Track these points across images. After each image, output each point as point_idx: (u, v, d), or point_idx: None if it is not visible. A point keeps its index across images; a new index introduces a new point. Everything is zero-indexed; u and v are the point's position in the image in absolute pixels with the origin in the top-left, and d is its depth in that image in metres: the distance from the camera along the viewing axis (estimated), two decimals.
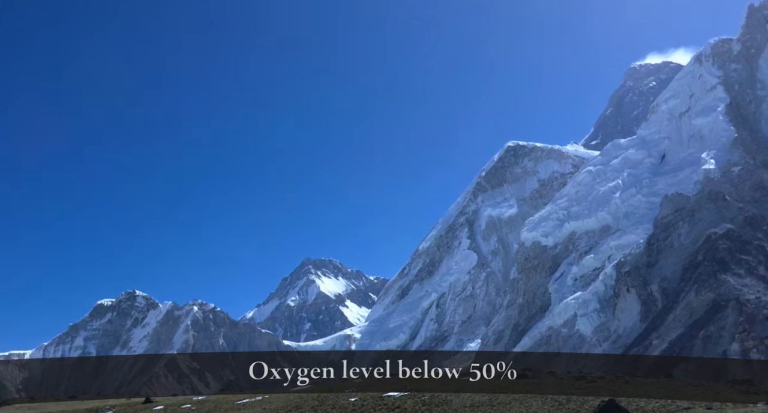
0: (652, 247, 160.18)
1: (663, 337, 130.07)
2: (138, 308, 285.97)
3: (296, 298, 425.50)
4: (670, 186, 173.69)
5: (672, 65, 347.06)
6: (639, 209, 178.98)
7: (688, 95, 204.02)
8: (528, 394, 26.76)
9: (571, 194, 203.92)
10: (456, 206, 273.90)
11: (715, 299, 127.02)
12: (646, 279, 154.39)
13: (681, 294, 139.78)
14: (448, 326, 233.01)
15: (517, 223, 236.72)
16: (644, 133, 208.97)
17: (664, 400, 23.84)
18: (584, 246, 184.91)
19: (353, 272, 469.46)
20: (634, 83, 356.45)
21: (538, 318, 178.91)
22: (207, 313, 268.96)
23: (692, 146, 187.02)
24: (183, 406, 38.25)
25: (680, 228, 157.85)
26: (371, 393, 32.49)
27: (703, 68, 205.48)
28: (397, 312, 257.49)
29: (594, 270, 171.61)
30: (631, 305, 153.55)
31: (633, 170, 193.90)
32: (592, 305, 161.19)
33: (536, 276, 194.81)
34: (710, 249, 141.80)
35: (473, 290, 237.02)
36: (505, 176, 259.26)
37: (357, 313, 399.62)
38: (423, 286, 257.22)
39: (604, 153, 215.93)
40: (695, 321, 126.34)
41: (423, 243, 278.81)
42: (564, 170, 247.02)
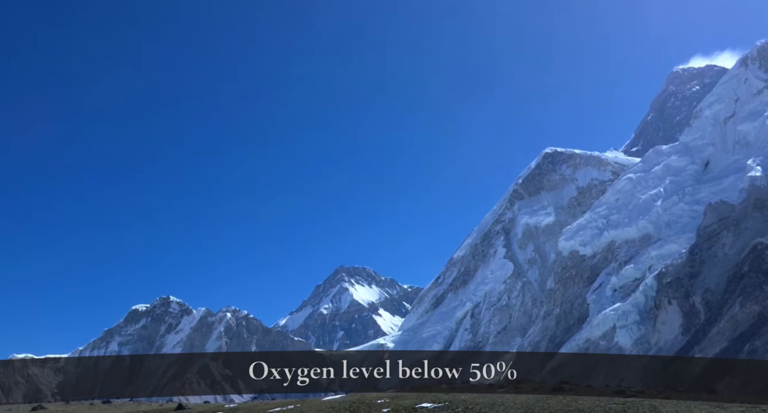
0: (695, 257, 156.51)
1: (706, 351, 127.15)
2: (172, 314, 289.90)
3: (329, 306, 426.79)
4: (714, 194, 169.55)
5: (716, 69, 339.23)
6: (681, 218, 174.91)
7: (733, 100, 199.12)
8: (566, 409, 25.54)
9: (611, 202, 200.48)
10: (492, 214, 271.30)
11: (761, 312, 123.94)
12: (688, 291, 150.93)
13: (725, 307, 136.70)
14: (482, 336, 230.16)
15: (555, 232, 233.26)
16: (687, 139, 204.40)
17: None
18: (624, 256, 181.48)
19: (387, 280, 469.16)
20: (676, 88, 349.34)
21: (576, 330, 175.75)
22: (240, 320, 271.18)
23: (737, 153, 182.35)
24: None
25: (724, 238, 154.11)
26: (404, 403, 32.15)
27: (749, 72, 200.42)
28: (431, 321, 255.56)
29: (634, 281, 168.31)
30: (672, 318, 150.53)
31: (675, 177, 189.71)
32: (632, 317, 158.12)
33: (574, 286, 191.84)
34: (756, 260, 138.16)
35: (509, 300, 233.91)
36: (543, 183, 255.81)
37: (390, 322, 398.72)
38: (457, 295, 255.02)
39: (645, 160, 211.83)
40: (740, 334, 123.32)
41: (458, 252, 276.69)
42: (603, 178, 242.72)
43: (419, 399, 31.89)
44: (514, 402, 27.82)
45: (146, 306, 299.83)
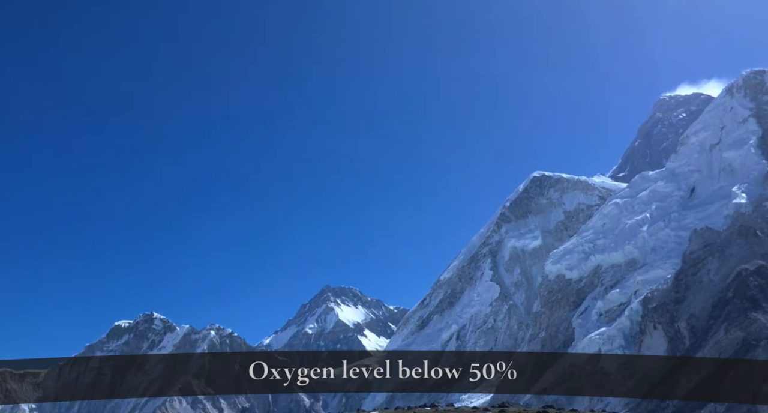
0: (680, 283, 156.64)
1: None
2: (155, 331, 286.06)
3: (314, 326, 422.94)
4: (699, 220, 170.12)
5: (702, 97, 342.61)
6: (667, 244, 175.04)
7: (719, 128, 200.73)
8: None
9: (598, 227, 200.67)
10: (479, 236, 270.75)
11: (746, 338, 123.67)
12: (673, 316, 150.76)
13: (710, 332, 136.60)
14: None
15: (542, 255, 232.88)
16: (673, 165, 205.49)
17: None
18: (610, 280, 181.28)
19: (373, 301, 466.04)
20: (663, 115, 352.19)
21: (561, 353, 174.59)
22: (224, 338, 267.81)
23: (723, 180, 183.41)
24: None
25: (710, 264, 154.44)
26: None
27: (734, 100, 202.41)
28: (416, 343, 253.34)
29: (619, 305, 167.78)
30: (657, 343, 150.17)
31: (661, 203, 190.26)
32: (617, 342, 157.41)
33: (560, 310, 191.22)
34: (741, 286, 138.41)
35: (495, 322, 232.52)
36: (530, 206, 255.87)
37: (375, 343, 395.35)
38: (443, 317, 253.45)
39: (632, 185, 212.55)
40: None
41: (444, 273, 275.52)
42: (590, 202, 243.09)
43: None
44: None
45: (129, 322, 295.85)
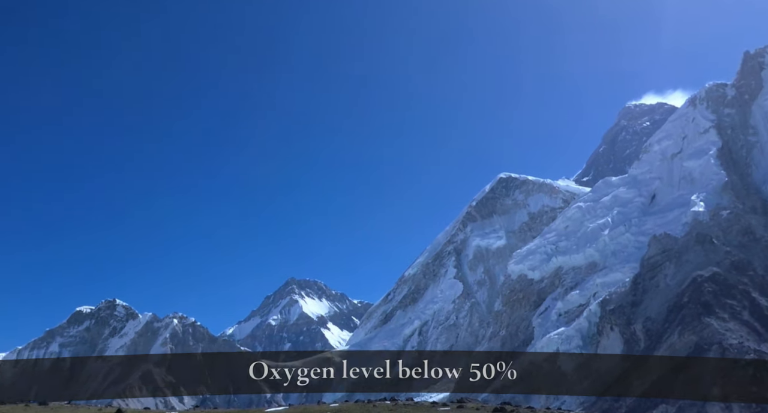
0: (637, 286, 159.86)
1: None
2: (117, 318, 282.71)
3: (278, 317, 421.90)
4: (658, 226, 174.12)
5: (666, 107, 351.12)
6: (627, 248, 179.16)
7: (681, 137, 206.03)
8: None
9: (560, 229, 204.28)
10: (444, 234, 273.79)
11: (698, 342, 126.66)
12: (630, 318, 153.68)
13: (664, 335, 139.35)
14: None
15: (505, 255, 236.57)
16: (636, 172, 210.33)
17: None
18: (570, 282, 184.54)
19: (337, 294, 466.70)
20: (628, 122, 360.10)
21: (520, 351, 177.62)
22: (186, 327, 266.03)
23: (683, 188, 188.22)
24: None
25: (667, 269, 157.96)
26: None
27: (697, 111, 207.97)
28: (379, 337, 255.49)
29: (579, 306, 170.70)
30: (613, 344, 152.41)
31: (623, 208, 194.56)
32: (574, 342, 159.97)
33: (520, 309, 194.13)
34: (695, 292, 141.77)
35: (457, 319, 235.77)
36: (496, 207, 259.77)
37: (338, 336, 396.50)
38: (406, 313, 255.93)
39: (595, 190, 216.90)
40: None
41: (409, 270, 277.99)
42: (554, 205, 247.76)
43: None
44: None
45: (91, 308, 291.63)
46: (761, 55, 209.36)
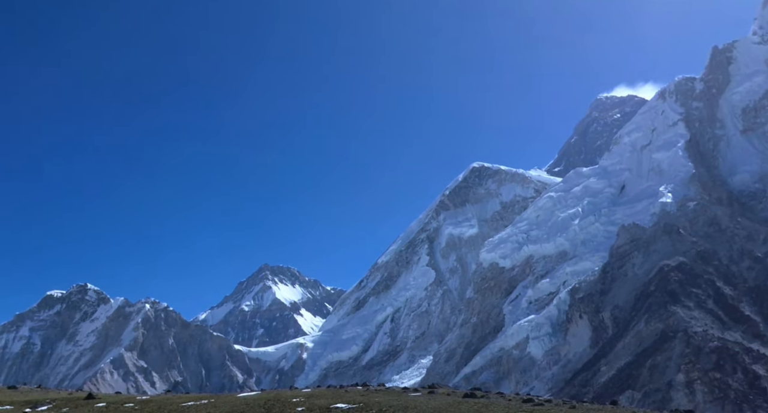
0: (606, 275, 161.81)
1: (611, 364, 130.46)
2: (88, 302, 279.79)
3: (251, 303, 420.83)
4: (627, 217, 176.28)
5: (636, 99, 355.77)
6: (596, 237, 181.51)
7: (650, 129, 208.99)
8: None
9: (532, 218, 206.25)
10: (418, 222, 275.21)
11: (664, 330, 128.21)
12: (598, 306, 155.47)
13: (631, 323, 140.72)
14: (401, 341, 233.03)
15: (477, 243, 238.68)
16: (606, 163, 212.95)
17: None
18: (541, 270, 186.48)
19: (310, 281, 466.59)
20: (599, 114, 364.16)
21: (491, 339, 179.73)
22: (159, 312, 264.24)
23: (651, 179, 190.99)
24: (126, 404, 36.91)
25: (635, 258, 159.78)
26: (319, 402, 31.93)
27: (666, 104, 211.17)
28: (352, 323, 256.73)
29: (549, 295, 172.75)
30: (582, 331, 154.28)
31: (593, 198, 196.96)
32: (544, 329, 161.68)
33: (492, 297, 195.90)
34: (662, 281, 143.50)
35: (429, 306, 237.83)
36: (468, 196, 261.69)
37: (311, 322, 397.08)
38: (379, 299, 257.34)
39: (566, 180, 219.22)
40: (643, 350, 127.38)
41: (382, 257, 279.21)
42: (526, 194, 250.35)
43: (335, 399, 31.34)
44: (426, 405, 27.94)
45: (62, 292, 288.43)
46: (729, 51, 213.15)
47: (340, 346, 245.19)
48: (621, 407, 29.39)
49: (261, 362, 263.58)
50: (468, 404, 28.16)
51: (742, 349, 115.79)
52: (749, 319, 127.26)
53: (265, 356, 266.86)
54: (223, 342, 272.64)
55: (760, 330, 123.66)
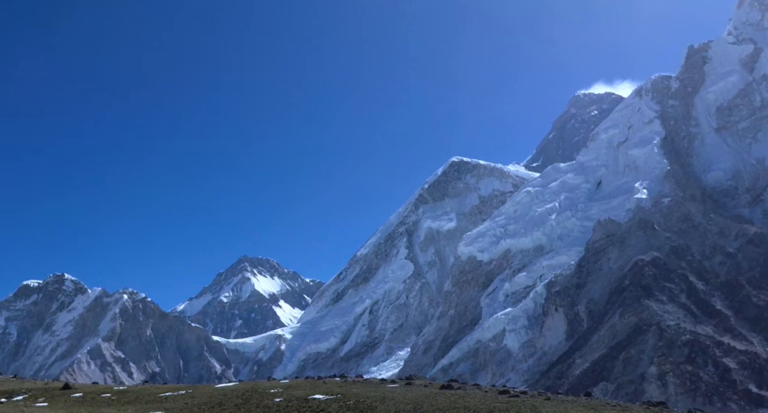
0: (582, 269, 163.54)
1: (586, 357, 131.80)
2: (65, 292, 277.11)
3: (230, 294, 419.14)
4: (603, 212, 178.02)
5: (614, 96, 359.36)
6: (573, 232, 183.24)
7: (626, 126, 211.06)
8: (453, 406, 27.06)
9: (510, 213, 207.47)
10: (397, 215, 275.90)
11: (638, 323, 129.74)
12: (574, 300, 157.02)
13: (606, 316, 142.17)
14: (379, 333, 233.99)
15: (455, 237, 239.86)
16: (583, 159, 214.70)
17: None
18: (518, 264, 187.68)
19: (290, 273, 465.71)
20: (577, 111, 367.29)
21: (468, 331, 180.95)
22: (137, 303, 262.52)
23: (627, 175, 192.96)
24: (103, 395, 36.87)
25: (610, 253, 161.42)
26: (296, 393, 32.25)
27: (642, 102, 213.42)
28: (330, 315, 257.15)
29: (525, 288, 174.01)
30: (558, 324, 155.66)
31: (570, 193, 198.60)
32: (520, 322, 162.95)
33: (469, 290, 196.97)
34: (636, 275, 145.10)
35: (407, 299, 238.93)
36: (447, 190, 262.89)
37: (290, 314, 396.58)
38: (358, 292, 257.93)
39: (544, 175, 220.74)
40: (617, 342, 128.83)
41: (361, 250, 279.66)
42: (504, 189, 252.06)
43: (312, 390, 31.77)
44: (404, 397, 28.41)
45: (38, 282, 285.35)
46: (704, 50, 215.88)
47: (318, 338, 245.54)
48: (595, 399, 29.73)
49: (239, 353, 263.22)
50: (445, 395, 28.55)
51: (714, 343, 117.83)
52: (720, 313, 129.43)
53: (244, 347, 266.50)
54: (201, 333, 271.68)
55: (731, 324, 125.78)
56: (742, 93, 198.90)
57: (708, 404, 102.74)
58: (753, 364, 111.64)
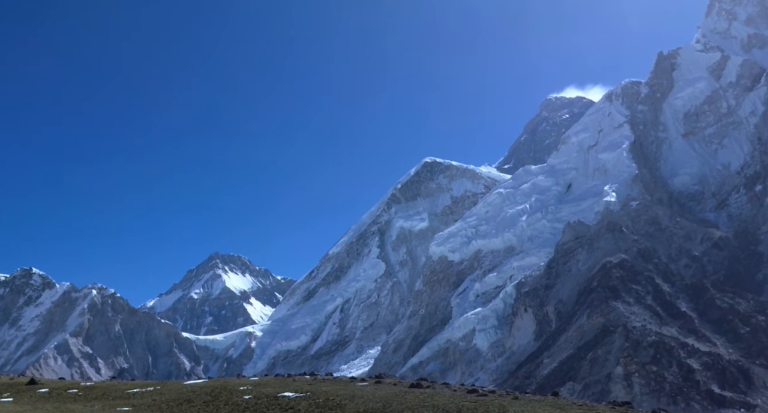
0: (551, 270, 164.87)
1: (554, 357, 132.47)
2: (33, 287, 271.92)
3: (200, 291, 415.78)
4: (573, 214, 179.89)
5: (585, 100, 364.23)
6: (543, 234, 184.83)
7: (597, 130, 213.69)
8: (422, 404, 27.24)
9: (481, 214, 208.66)
10: (369, 214, 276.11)
11: (605, 324, 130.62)
12: (543, 300, 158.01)
13: (574, 317, 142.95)
14: (350, 331, 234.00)
15: (427, 236, 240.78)
16: (554, 162, 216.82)
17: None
18: (488, 264, 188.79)
19: (261, 270, 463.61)
20: (549, 114, 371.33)
21: (438, 330, 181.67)
22: (106, 298, 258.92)
23: (596, 179, 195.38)
24: (69, 390, 36.51)
25: (579, 254, 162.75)
26: (266, 391, 32.26)
27: (612, 107, 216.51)
28: (301, 313, 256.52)
29: (495, 288, 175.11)
30: (527, 324, 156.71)
31: (541, 195, 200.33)
32: (490, 322, 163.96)
33: (440, 290, 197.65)
34: (604, 277, 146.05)
35: (378, 298, 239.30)
36: (420, 190, 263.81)
37: (261, 311, 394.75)
38: (329, 290, 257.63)
39: (515, 177, 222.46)
40: (585, 343, 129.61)
41: (333, 248, 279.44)
42: (476, 190, 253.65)
43: (282, 387, 31.87)
44: (373, 395, 28.62)
45: (5, 276, 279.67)
46: (673, 57, 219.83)
47: (289, 335, 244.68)
48: (562, 398, 30.09)
49: (209, 350, 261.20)
50: (414, 394, 28.82)
51: (678, 344, 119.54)
52: (685, 315, 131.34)
53: (214, 344, 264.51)
54: (170, 329, 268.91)
55: (695, 326, 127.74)
56: (709, 100, 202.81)
57: (672, 404, 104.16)
58: (716, 365, 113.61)
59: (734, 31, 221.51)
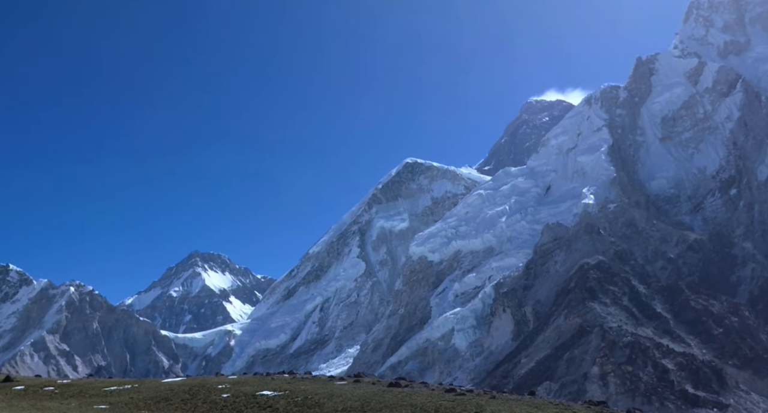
0: (530, 271, 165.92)
1: (531, 356, 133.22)
2: (10, 283, 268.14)
3: (179, 289, 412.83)
4: (552, 216, 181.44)
5: (565, 104, 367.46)
6: (522, 235, 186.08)
7: (576, 133, 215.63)
8: (400, 403, 27.49)
9: (461, 215, 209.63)
10: (350, 214, 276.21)
11: (582, 324, 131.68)
12: (521, 301, 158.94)
13: (551, 318, 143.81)
14: (329, 330, 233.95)
15: (407, 237, 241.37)
16: (534, 164, 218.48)
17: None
18: (468, 265, 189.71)
19: (241, 269, 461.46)
20: (529, 116, 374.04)
21: (417, 330, 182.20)
22: (84, 295, 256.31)
23: (575, 181, 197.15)
24: (45, 388, 36.27)
25: (557, 256, 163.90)
26: (244, 389, 32.34)
27: (591, 110, 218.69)
28: (281, 312, 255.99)
29: (474, 288, 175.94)
30: (505, 324, 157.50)
31: (520, 197, 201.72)
32: (469, 322, 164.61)
33: (420, 289, 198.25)
34: (582, 278, 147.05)
35: (358, 297, 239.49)
36: (401, 190, 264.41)
37: (240, 310, 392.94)
38: (309, 289, 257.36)
39: (495, 179, 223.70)
40: (562, 343, 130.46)
41: (314, 247, 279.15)
42: (456, 191, 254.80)
43: (261, 386, 31.92)
44: (352, 394, 28.82)
45: None
46: (652, 62, 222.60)
47: (268, 334, 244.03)
48: (538, 398, 30.47)
49: (188, 348, 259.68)
50: (392, 393, 29.09)
51: (653, 344, 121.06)
52: (660, 316, 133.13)
53: (192, 342, 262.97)
54: (149, 327, 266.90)
55: (670, 327, 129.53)
56: (686, 105, 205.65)
57: (646, 403, 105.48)
58: (690, 365, 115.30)
59: (711, 37, 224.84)
